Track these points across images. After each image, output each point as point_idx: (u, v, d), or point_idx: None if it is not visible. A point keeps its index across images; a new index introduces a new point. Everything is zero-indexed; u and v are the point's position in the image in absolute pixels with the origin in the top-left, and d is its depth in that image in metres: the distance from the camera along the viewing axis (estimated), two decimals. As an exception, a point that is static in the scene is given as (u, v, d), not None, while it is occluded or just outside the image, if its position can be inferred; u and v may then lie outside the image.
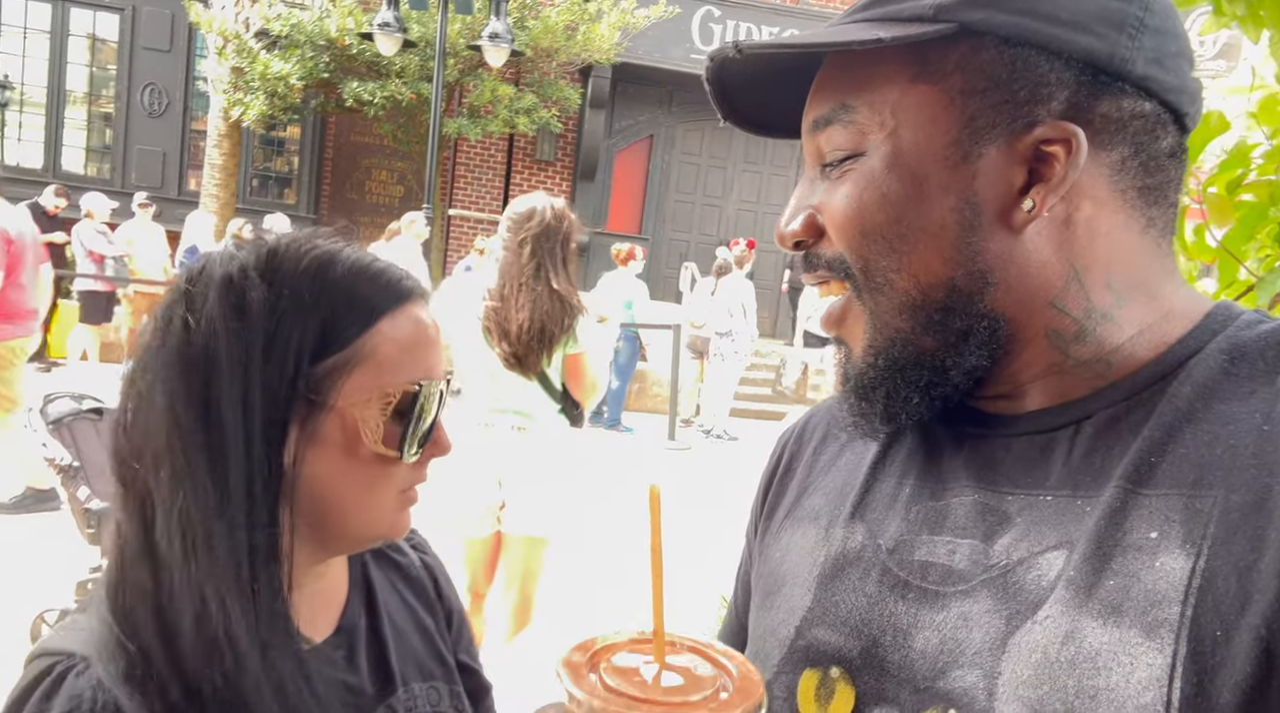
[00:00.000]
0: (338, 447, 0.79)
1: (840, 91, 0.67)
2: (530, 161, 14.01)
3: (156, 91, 13.33)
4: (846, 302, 0.70)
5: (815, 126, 0.69)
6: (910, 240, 0.65)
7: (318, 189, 14.14)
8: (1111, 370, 0.65)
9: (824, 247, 0.70)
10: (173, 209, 11.96)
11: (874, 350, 0.69)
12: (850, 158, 0.67)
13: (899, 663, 0.65)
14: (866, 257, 0.67)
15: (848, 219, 0.67)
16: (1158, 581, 0.55)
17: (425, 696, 0.96)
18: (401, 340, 0.82)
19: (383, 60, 11.39)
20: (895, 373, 0.68)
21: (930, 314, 0.66)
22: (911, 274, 0.65)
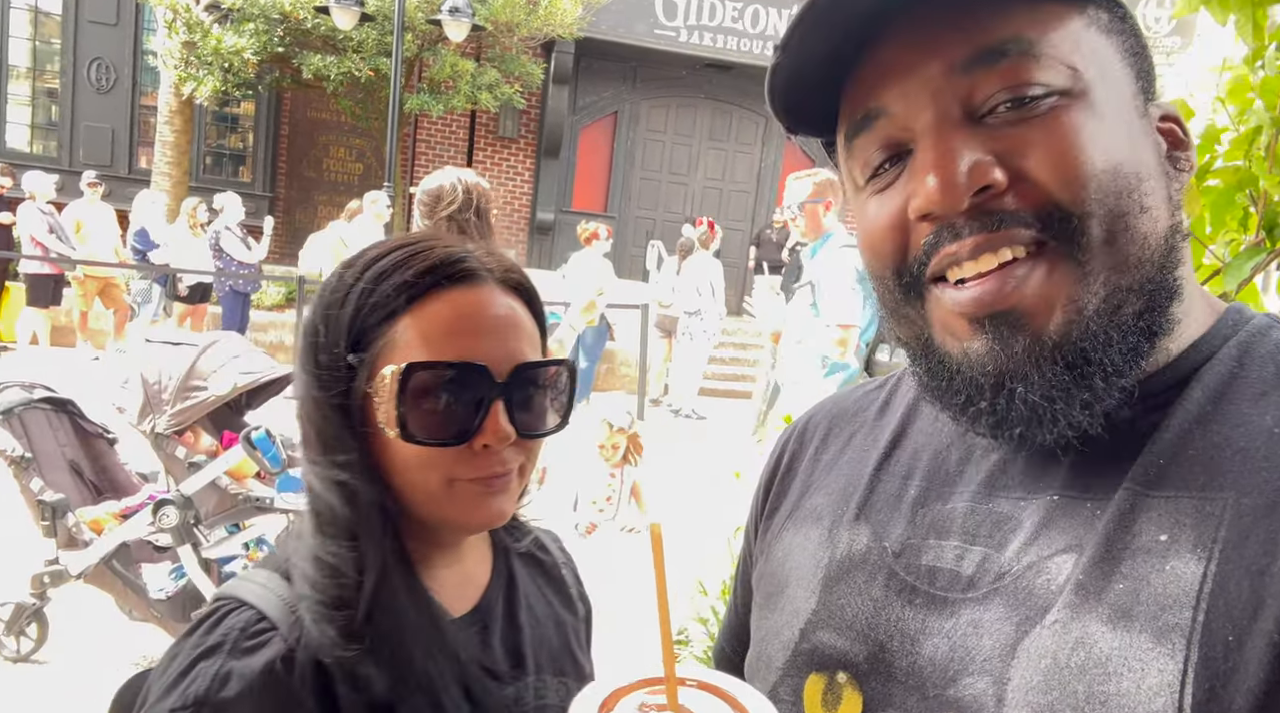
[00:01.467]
0: (379, 430, 0.83)
1: (1006, 24, 0.60)
2: (493, 138, 13.80)
3: (104, 66, 12.90)
4: (1043, 264, 0.59)
5: (968, 65, 0.60)
6: (1147, 181, 0.60)
7: (274, 167, 13.81)
8: (1150, 366, 0.63)
9: (1022, 196, 0.59)
10: (123, 188, 11.60)
11: (1088, 315, 0.59)
12: (1053, 94, 0.59)
13: (907, 670, 0.64)
14: (1109, 196, 0.59)
15: (1079, 157, 0.58)
16: (1168, 584, 0.54)
17: (555, 689, 0.97)
18: (428, 328, 0.83)
19: (339, 34, 11.12)
20: (1118, 337, 0.59)
21: (1153, 268, 0.61)
22: (1152, 217, 0.60)
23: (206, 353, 3.17)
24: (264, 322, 10.57)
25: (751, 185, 14.67)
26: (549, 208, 13.66)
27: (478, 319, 0.85)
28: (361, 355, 0.83)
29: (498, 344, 0.85)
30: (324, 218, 12.07)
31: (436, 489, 0.85)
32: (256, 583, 0.85)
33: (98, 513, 3.14)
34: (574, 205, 13.98)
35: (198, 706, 0.76)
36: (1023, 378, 0.60)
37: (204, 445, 3.31)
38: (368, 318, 0.84)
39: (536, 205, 13.78)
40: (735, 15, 12.94)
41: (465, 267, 0.86)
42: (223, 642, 0.79)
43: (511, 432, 0.85)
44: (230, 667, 0.77)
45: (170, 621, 3.22)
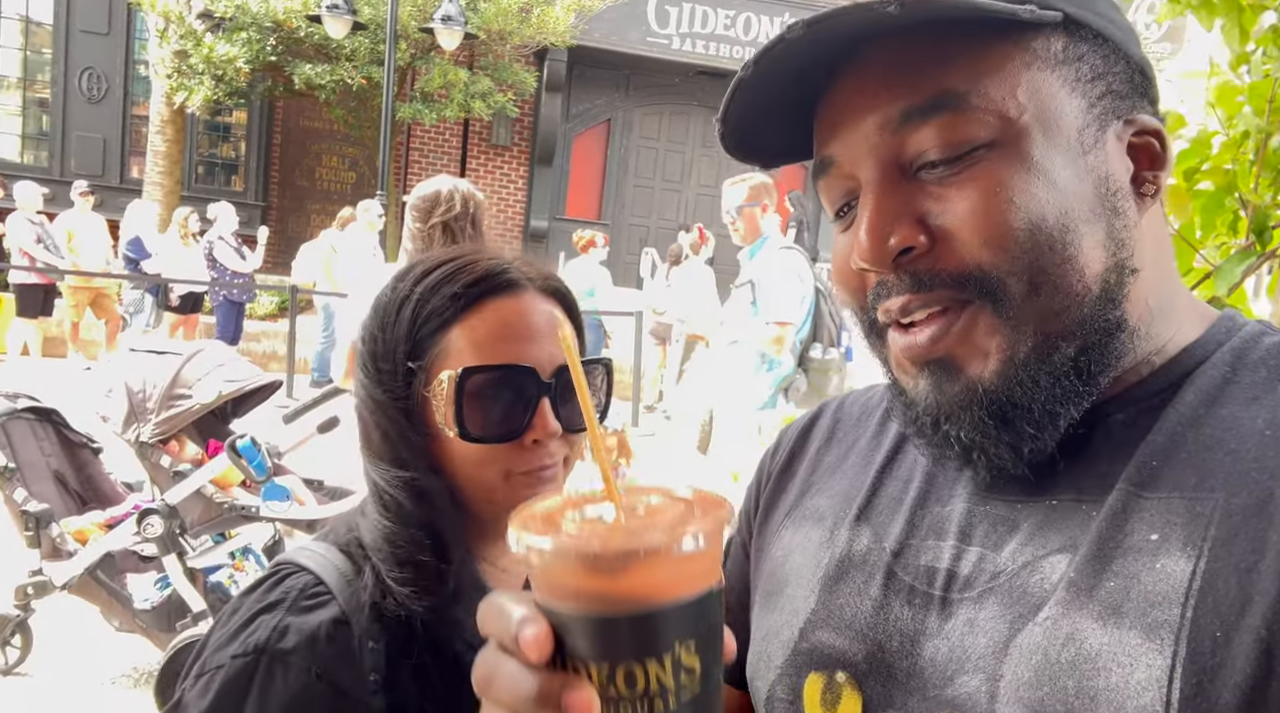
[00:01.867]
0: (437, 428, 0.90)
1: (937, 77, 0.60)
2: (486, 146, 13.80)
3: (95, 76, 12.89)
4: (972, 316, 0.62)
5: (905, 120, 0.61)
6: (1073, 230, 0.60)
7: (266, 175, 13.80)
8: (1127, 376, 0.64)
9: (944, 257, 0.61)
10: (114, 198, 11.58)
11: (1017, 362, 0.61)
12: (973, 150, 0.60)
13: (908, 671, 0.64)
14: (1020, 255, 0.59)
15: (994, 217, 0.59)
16: (1158, 582, 0.54)
17: None
18: (478, 336, 0.90)
19: (332, 43, 11.12)
20: (1052, 380, 0.61)
21: (1092, 309, 0.61)
22: (1074, 268, 0.60)
23: (191, 361, 3.16)
24: (256, 331, 10.54)
25: (745, 192, 14.69)
26: (542, 215, 13.65)
27: (522, 325, 0.92)
28: (419, 362, 0.90)
29: (542, 347, 0.92)
30: (317, 226, 12.05)
31: (494, 483, 0.92)
32: (316, 552, 0.92)
33: (82, 524, 3.11)
34: (567, 212, 13.98)
35: (257, 653, 0.81)
36: (954, 420, 0.64)
37: (189, 455, 3.28)
38: (422, 327, 0.91)
39: (530, 212, 13.78)
40: (728, 23, 12.97)
41: (509, 277, 0.93)
42: (283, 599, 0.86)
43: (558, 427, 0.92)
44: (289, 621, 0.83)
45: (155, 631, 3.20)
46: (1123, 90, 0.63)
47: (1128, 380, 0.64)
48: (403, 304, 0.92)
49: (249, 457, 3.07)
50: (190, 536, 3.18)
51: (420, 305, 0.91)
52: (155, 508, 3.07)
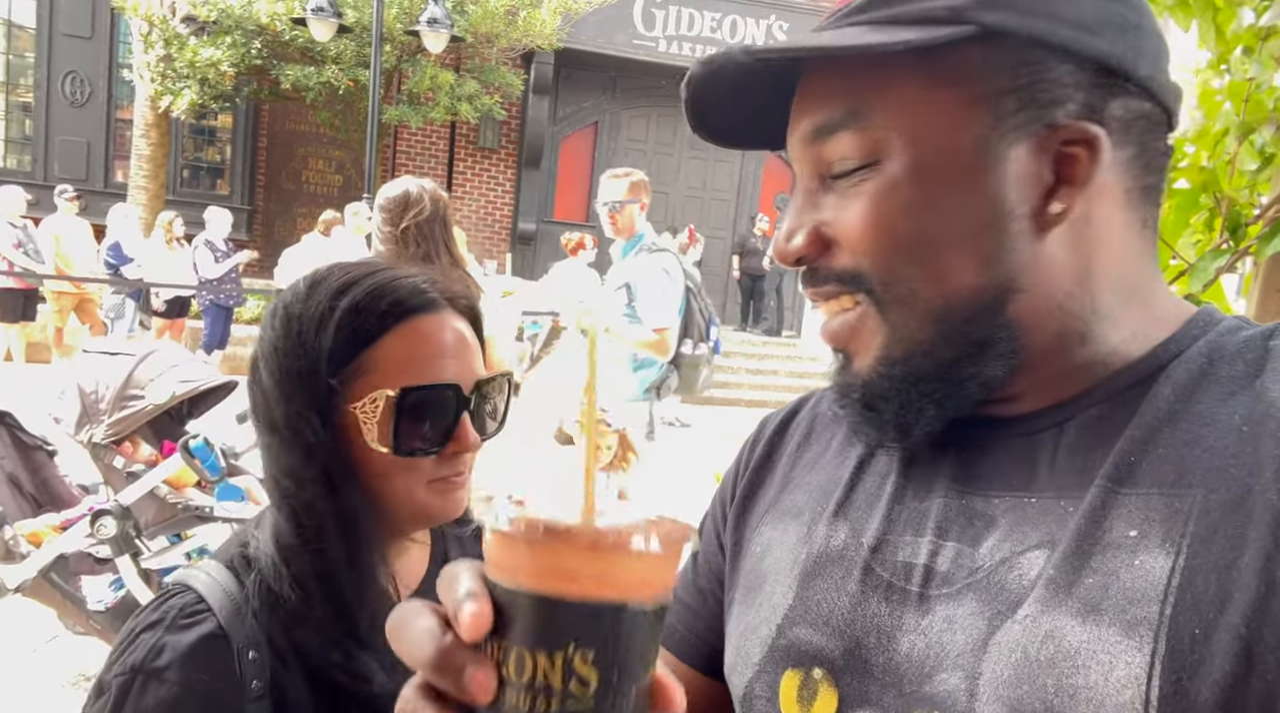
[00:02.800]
0: (358, 441, 0.94)
1: (844, 97, 0.64)
2: (473, 149, 13.78)
3: (78, 79, 12.84)
4: (860, 315, 0.67)
5: (817, 135, 0.66)
6: (938, 249, 0.63)
7: (252, 179, 13.75)
8: (1098, 372, 0.65)
9: (834, 259, 0.67)
10: (99, 202, 11.50)
11: (889, 361, 0.66)
12: (865, 167, 0.64)
13: (883, 666, 0.64)
14: (889, 268, 0.64)
15: (868, 231, 0.64)
16: (1137, 579, 0.55)
17: None
18: (404, 352, 0.94)
19: (317, 46, 11.08)
20: (910, 385, 0.66)
21: (954, 324, 0.64)
22: (939, 283, 0.63)
23: (144, 362, 3.12)
24: (242, 335, 10.49)
25: (732, 194, 14.68)
26: (530, 218, 13.63)
27: (444, 343, 0.97)
28: (339, 378, 0.93)
29: (461, 364, 0.98)
30: (303, 230, 12.00)
31: (414, 490, 0.97)
32: (203, 573, 0.95)
33: (36, 526, 3.06)
34: (555, 215, 13.95)
35: (133, 672, 0.86)
36: (841, 401, 0.71)
37: (143, 455, 3.24)
38: (345, 344, 0.93)
39: (518, 215, 13.76)
40: (714, 25, 12.97)
41: (429, 297, 0.98)
42: (163, 618, 0.89)
43: (478, 439, 0.99)
44: (165, 639, 0.87)
45: (110, 632, 3.15)
46: (1055, 97, 0.61)
47: (1101, 373, 0.64)
48: (323, 319, 0.93)
49: (202, 457, 3.04)
50: (146, 537, 3.14)
51: (342, 322, 0.93)
52: (108, 509, 3.04)
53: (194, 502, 3.20)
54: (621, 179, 3.99)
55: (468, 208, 13.72)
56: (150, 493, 3.09)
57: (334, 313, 0.93)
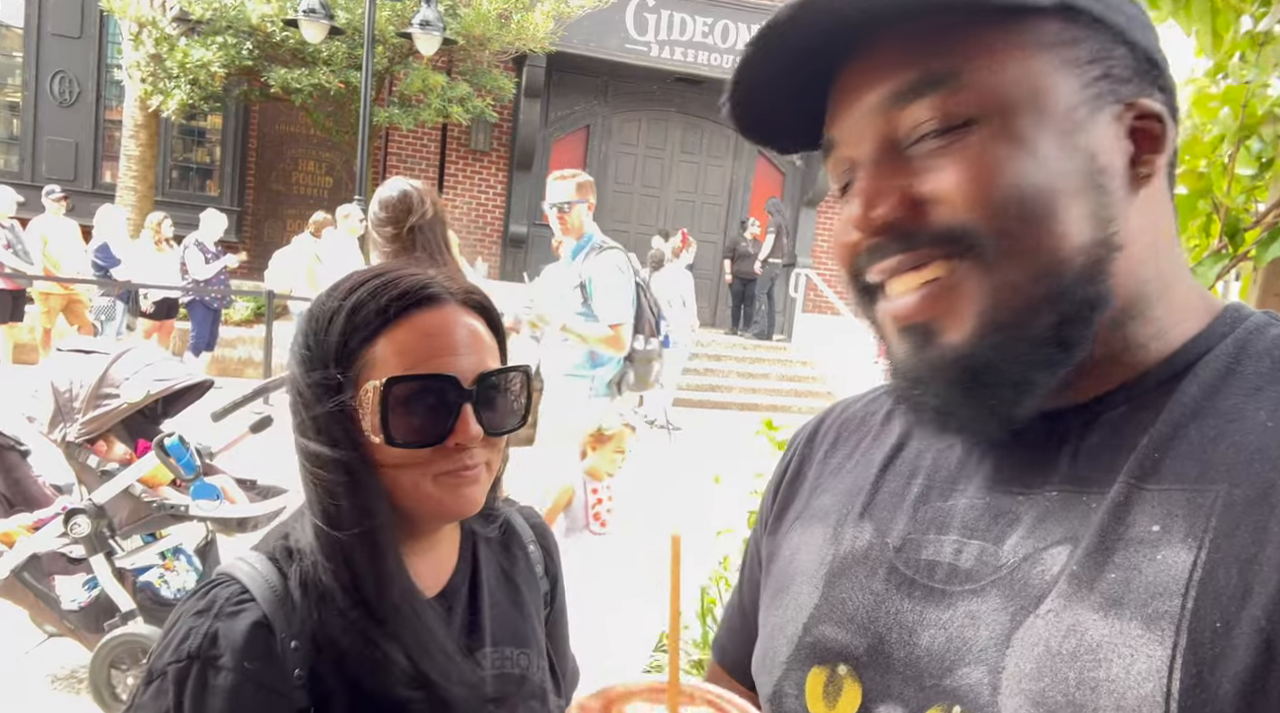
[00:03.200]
0: (366, 436, 0.96)
1: (928, 60, 0.63)
2: (465, 151, 13.75)
3: (67, 79, 12.78)
4: (956, 279, 0.64)
5: (897, 99, 0.64)
6: (1050, 201, 0.62)
7: (242, 181, 13.69)
8: (1126, 369, 0.65)
9: (929, 221, 0.64)
10: (87, 203, 11.45)
11: (995, 326, 0.63)
12: (956, 128, 0.63)
13: (905, 660, 0.65)
14: (1003, 221, 0.61)
15: (977, 185, 0.62)
16: (1159, 573, 0.55)
17: (516, 659, 1.11)
18: (401, 348, 0.96)
19: (309, 47, 11.05)
20: (1022, 350, 0.63)
21: (1065, 281, 0.62)
22: (1053, 237, 0.62)
23: (119, 361, 3.09)
24: (232, 337, 10.44)
25: (723, 198, 14.67)
26: (521, 221, 13.61)
27: (444, 336, 0.98)
28: (347, 373, 0.96)
29: (463, 357, 0.98)
30: (293, 232, 11.96)
31: (421, 484, 0.97)
32: (246, 564, 0.99)
33: (9, 526, 3.02)
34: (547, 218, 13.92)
35: (190, 659, 0.90)
36: (928, 385, 0.66)
37: (117, 454, 3.21)
38: (350, 340, 0.96)
39: (509, 218, 13.73)
40: (706, 30, 12.97)
41: (431, 291, 0.99)
42: (209, 607, 0.93)
43: (479, 432, 0.98)
44: (217, 627, 0.91)
45: (84, 632, 3.13)
46: (1123, 75, 0.64)
47: (1130, 369, 0.65)
48: (333, 317, 0.97)
49: (177, 455, 3.01)
50: (120, 536, 3.11)
51: (349, 319, 0.97)
52: (82, 508, 3.01)
53: (169, 501, 3.17)
54: (569, 180, 4.05)
55: (459, 210, 13.68)
56: (125, 492, 3.06)
57: (341, 311, 0.97)
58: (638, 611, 4.08)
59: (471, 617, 1.09)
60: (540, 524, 1.28)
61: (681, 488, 7.25)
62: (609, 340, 3.95)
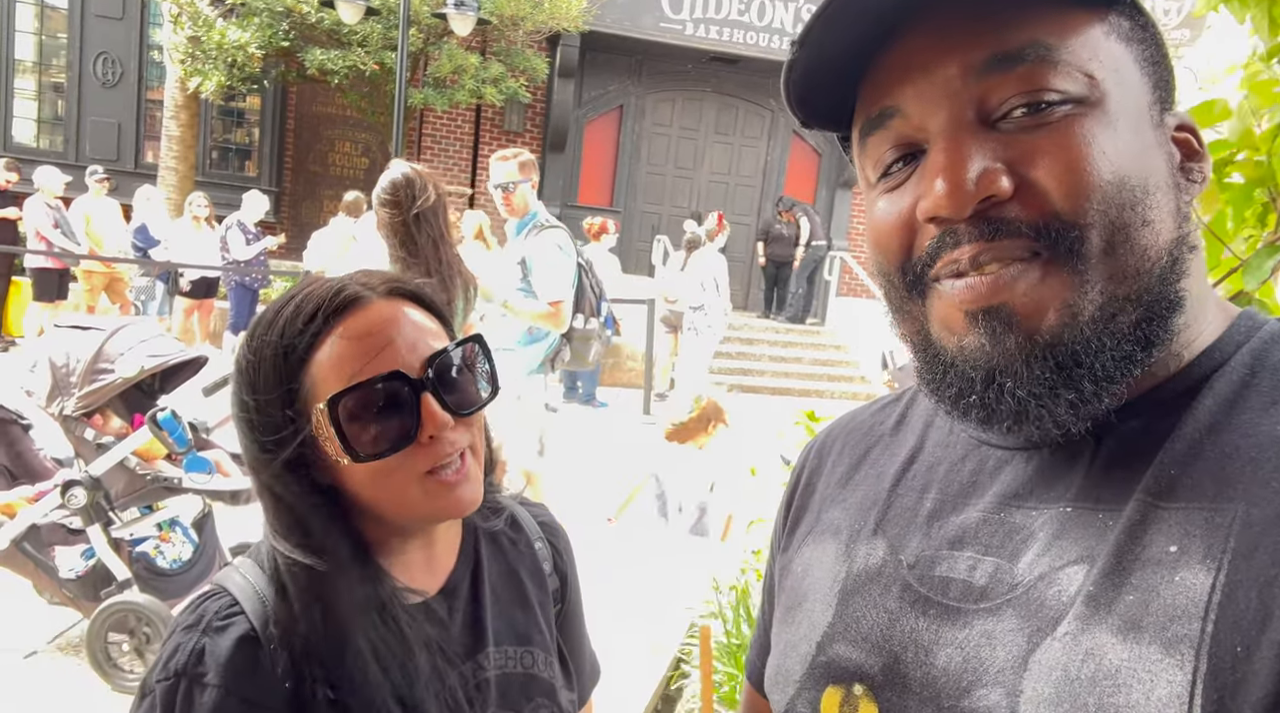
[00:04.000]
0: (334, 460, 0.92)
1: (1029, 28, 0.60)
2: (498, 132, 13.78)
3: (110, 61, 13.02)
4: (1045, 267, 0.59)
5: (998, 63, 0.60)
6: (1153, 194, 0.60)
7: (280, 161, 13.87)
8: (1145, 380, 0.62)
9: (1020, 208, 0.59)
10: (129, 182, 11.67)
11: (1086, 319, 0.59)
12: (1063, 103, 0.59)
13: (921, 681, 0.64)
14: (1109, 210, 0.58)
15: (1088, 167, 0.58)
16: (1177, 596, 0.54)
17: (519, 658, 1.08)
18: (337, 361, 0.91)
19: (344, 29, 11.13)
20: (1106, 345, 0.60)
21: (1155, 277, 0.60)
22: (1154, 231, 0.60)
23: (114, 336, 3.15)
24: (267, 316, 10.58)
25: (757, 179, 14.53)
26: (554, 202, 13.61)
27: (377, 334, 0.92)
28: (294, 407, 0.91)
29: (403, 348, 0.93)
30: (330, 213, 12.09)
31: (408, 488, 0.93)
32: (238, 573, 0.97)
33: (10, 498, 3.12)
34: (580, 199, 13.92)
35: (177, 677, 0.89)
36: (1012, 374, 0.61)
37: (114, 428, 3.28)
38: (284, 372, 0.91)
39: (542, 199, 13.73)
40: (741, 8, 12.81)
41: (346, 294, 0.94)
42: (198, 622, 0.92)
43: (448, 418, 0.93)
44: (204, 643, 0.89)
45: (82, 600, 3.22)
46: (1169, 83, 0.65)
47: (1148, 381, 0.63)
48: (259, 360, 0.93)
49: (170, 429, 3.07)
50: (118, 508, 3.19)
51: (276, 354, 0.92)
52: (79, 479, 3.08)
53: (164, 473, 3.24)
54: (510, 161, 4.12)
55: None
56: (121, 465, 3.13)
57: (265, 347, 0.93)
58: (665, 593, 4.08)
59: (474, 615, 1.06)
60: (549, 521, 1.24)
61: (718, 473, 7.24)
62: (548, 317, 4.03)
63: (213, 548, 3.57)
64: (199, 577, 3.49)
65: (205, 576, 3.52)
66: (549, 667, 1.11)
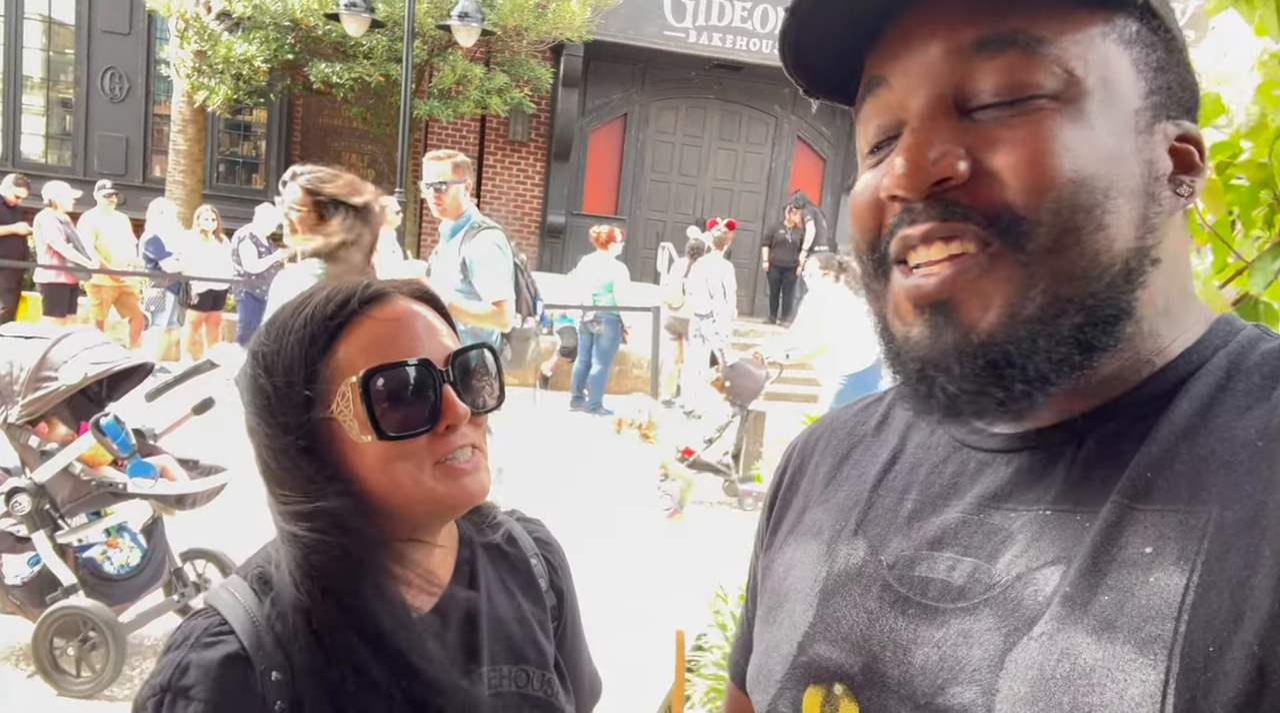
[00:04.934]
0: (348, 443, 0.94)
1: (1017, 15, 0.60)
2: (503, 142, 13.83)
3: (117, 75, 13.11)
4: (990, 259, 0.60)
5: (980, 48, 0.61)
6: (1113, 199, 0.59)
7: (287, 174, 13.85)
8: (1119, 384, 0.63)
9: (983, 192, 0.60)
10: (137, 196, 11.74)
11: (1022, 318, 0.60)
12: (1036, 97, 0.60)
13: (899, 679, 0.64)
14: (1064, 207, 0.59)
15: (1051, 164, 0.59)
16: (1151, 596, 0.54)
17: (513, 677, 1.07)
18: (366, 344, 0.94)
19: (349, 41, 11.18)
20: (1044, 345, 0.60)
21: (1102, 283, 0.60)
22: (1107, 236, 0.59)
23: (59, 345, 3.18)
24: (275, 327, 10.59)
25: (762, 186, 14.53)
26: (560, 211, 13.65)
27: (403, 325, 0.97)
28: (313, 388, 0.93)
29: (427, 342, 0.97)
30: (336, 224, 12.07)
31: (418, 477, 0.95)
32: (227, 592, 0.97)
33: (-42, 507, 3.18)
34: (584, 208, 13.95)
35: (162, 692, 0.89)
36: (944, 370, 0.62)
37: (59, 435, 3.31)
38: (310, 354, 0.94)
39: (547, 208, 13.78)
40: (744, 15, 12.86)
41: (375, 289, 0.99)
42: (186, 638, 0.92)
43: (466, 411, 0.97)
44: (190, 658, 0.89)
45: (29, 607, 3.25)
46: (1177, 93, 0.64)
47: (1125, 384, 0.63)
48: (283, 343, 0.95)
49: (113, 435, 3.10)
50: (66, 514, 3.22)
51: (301, 337, 0.95)
52: (23, 486, 3.11)
53: (108, 479, 3.27)
54: (444, 161, 4.16)
55: (498, 202, 13.78)
56: (66, 471, 3.16)
57: (290, 334, 0.95)
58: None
59: (469, 632, 1.06)
60: (544, 537, 1.24)
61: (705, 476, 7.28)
62: (492, 317, 4.06)
63: (162, 553, 3.58)
64: (147, 582, 3.49)
65: (155, 581, 3.54)
66: (546, 685, 1.10)
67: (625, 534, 5.23)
